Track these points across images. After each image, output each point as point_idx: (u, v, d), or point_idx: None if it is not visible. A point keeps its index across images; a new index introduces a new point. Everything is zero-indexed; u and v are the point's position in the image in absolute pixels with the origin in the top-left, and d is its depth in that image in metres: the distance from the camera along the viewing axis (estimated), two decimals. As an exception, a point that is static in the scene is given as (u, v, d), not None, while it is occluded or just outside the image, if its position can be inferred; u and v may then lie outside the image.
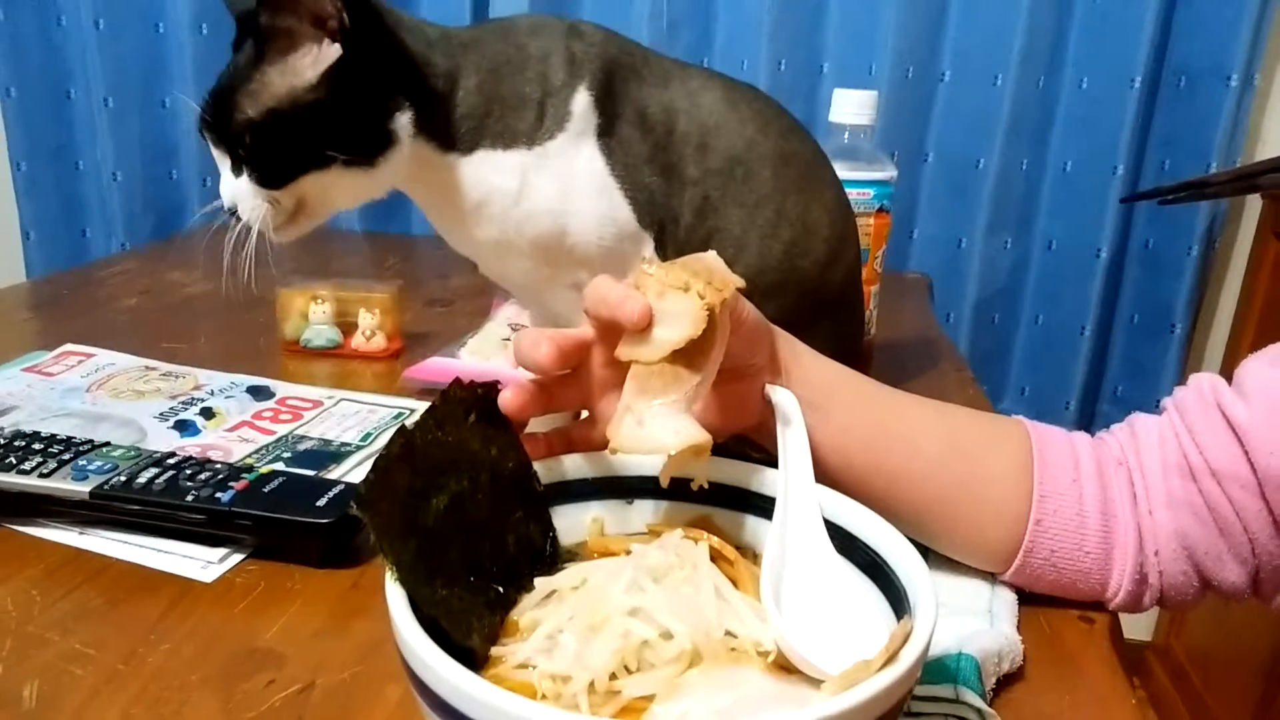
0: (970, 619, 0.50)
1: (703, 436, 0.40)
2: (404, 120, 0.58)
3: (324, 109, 0.56)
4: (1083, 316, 1.39)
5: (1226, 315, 1.41)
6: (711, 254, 0.44)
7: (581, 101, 0.60)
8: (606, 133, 0.61)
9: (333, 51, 0.56)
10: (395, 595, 0.34)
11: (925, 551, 0.55)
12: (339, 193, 0.60)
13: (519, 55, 0.61)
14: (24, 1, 1.39)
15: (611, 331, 0.44)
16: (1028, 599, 0.53)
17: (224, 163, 0.59)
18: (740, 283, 0.43)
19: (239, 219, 0.60)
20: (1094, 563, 0.51)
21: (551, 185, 0.60)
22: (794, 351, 0.51)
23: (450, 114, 0.60)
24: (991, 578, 0.54)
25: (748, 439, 0.51)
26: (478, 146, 0.60)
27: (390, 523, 0.36)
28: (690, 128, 0.63)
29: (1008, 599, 0.52)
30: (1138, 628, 1.65)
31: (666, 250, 0.63)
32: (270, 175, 0.58)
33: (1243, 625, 1.38)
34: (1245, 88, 1.26)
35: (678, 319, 0.40)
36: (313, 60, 0.56)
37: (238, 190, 0.59)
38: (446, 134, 0.60)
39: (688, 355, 0.41)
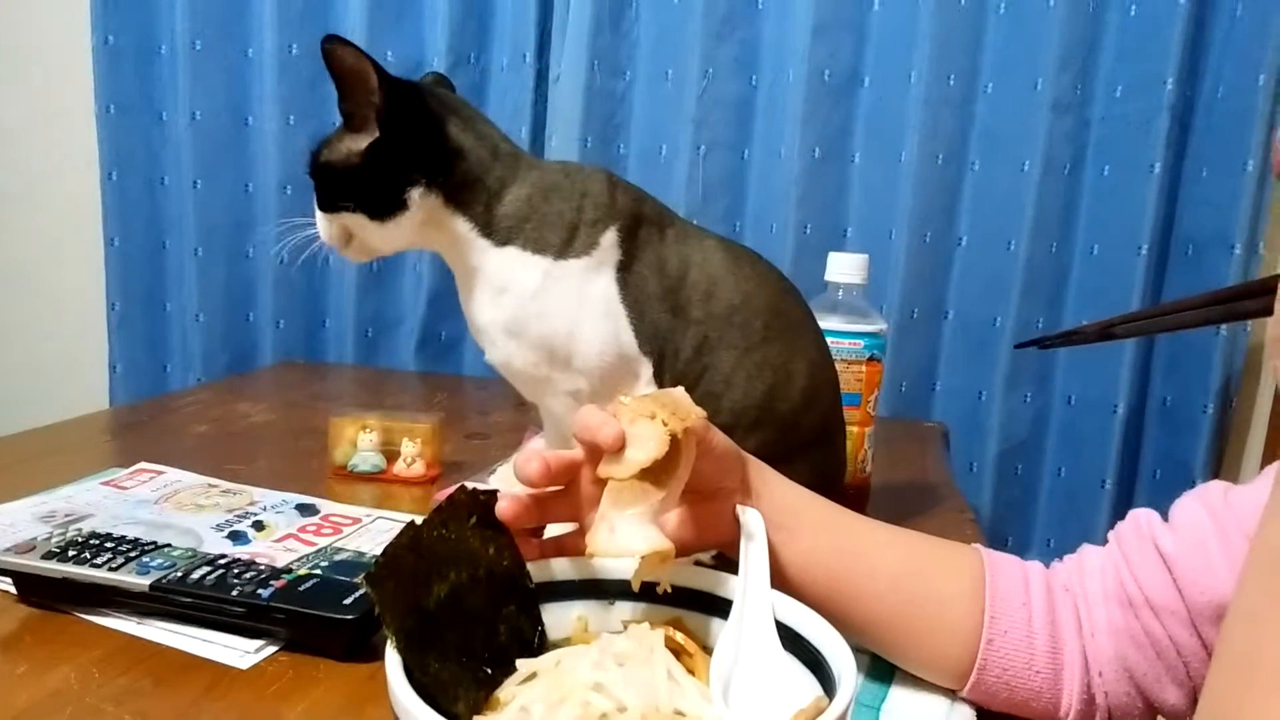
0: (923, 728, 0.54)
1: (666, 544, 0.47)
2: (416, 193, 0.71)
3: (355, 172, 0.72)
4: (1103, 470, 1.42)
5: (1252, 469, 1.43)
6: (679, 390, 0.52)
7: (610, 238, 0.71)
8: (625, 268, 0.72)
9: (374, 133, 0.71)
10: (393, 662, 0.41)
11: (892, 668, 0.60)
12: (367, 234, 0.74)
13: (569, 185, 0.73)
14: (134, 164, 1.58)
15: (596, 454, 0.51)
16: (987, 717, 0.57)
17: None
18: (702, 414, 0.50)
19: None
20: (1044, 681, 0.55)
21: (567, 296, 0.71)
22: (764, 478, 0.57)
23: (493, 209, 0.72)
24: (952, 694, 0.58)
25: (724, 555, 0.58)
26: (510, 243, 0.72)
27: (394, 600, 0.43)
28: (700, 277, 0.73)
29: (965, 714, 0.56)
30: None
31: (664, 377, 0.72)
32: (323, 204, 0.75)
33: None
34: (1250, 255, 1.33)
35: (645, 442, 0.48)
36: (364, 136, 0.71)
37: (324, 221, 0.77)
38: (488, 224, 0.72)
39: (654, 474, 0.48)
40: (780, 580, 0.54)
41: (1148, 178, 1.35)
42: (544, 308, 0.71)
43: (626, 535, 0.47)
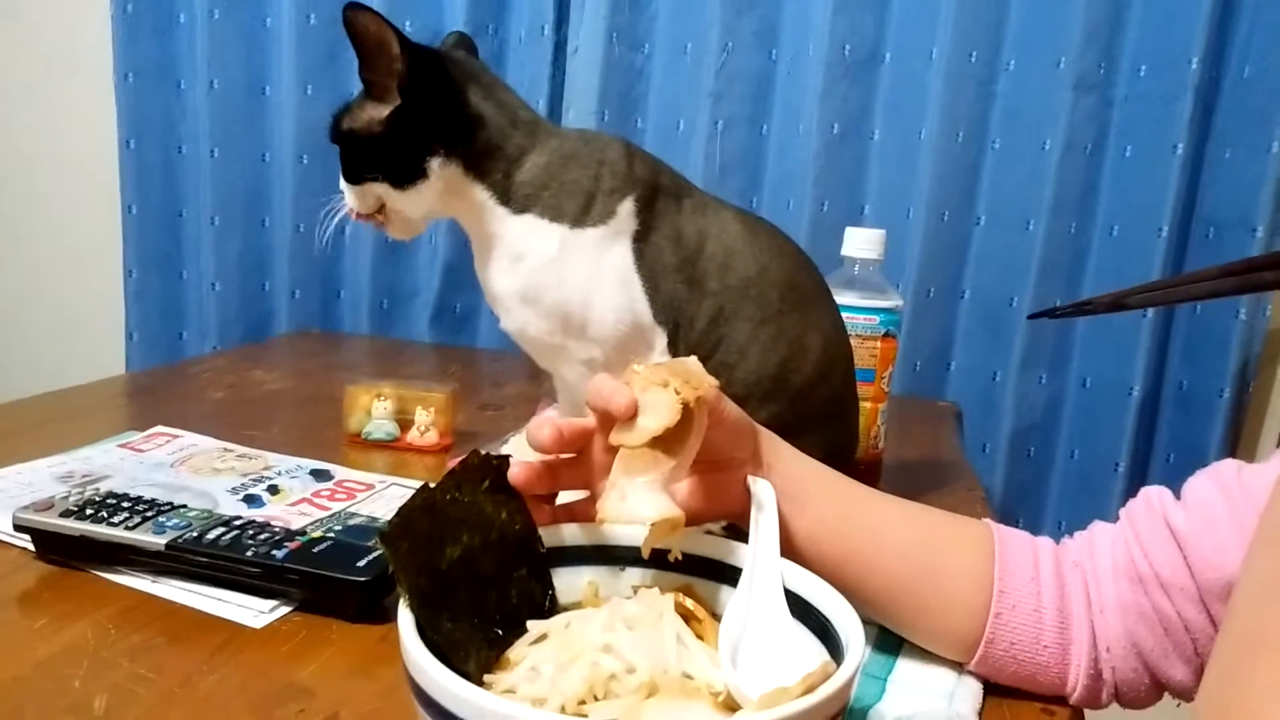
0: (930, 699, 0.54)
1: (676, 512, 0.47)
2: (436, 162, 0.71)
3: (377, 141, 0.72)
4: (1117, 453, 1.41)
5: (1267, 454, 1.41)
6: (692, 359, 0.52)
7: (627, 207, 0.71)
8: (641, 238, 0.72)
9: (395, 101, 0.71)
10: (406, 620, 0.41)
11: (900, 640, 0.60)
12: (395, 202, 0.74)
13: (587, 154, 0.73)
14: (152, 133, 1.58)
15: (609, 421, 0.51)
16: (994, 690, 0.57)
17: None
18: (715, 383, 0.50)
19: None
20: (1051, 656, 0.55)
21: (583, 264, 0.71)
22: (776, 449, 0.58)
23: (512, 176, 0.72)
24: (959, 667, 0.58)
25: (734, 526, 0.58)
26: (528, 210, 0.72)
27: (408, 559, 0.43)
28: (717, 248, 0.73)
29: (972, 687, 0.56)
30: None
31: (679, 347, 0.72)
32: (348, 175, 0.75)
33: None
34: (1272, 238, 1.31)
35: (657, 410, 0.48)
36: (385, 105, 0.71)
37: (351, 192, 0.76)
38: (506, 191, 0.72)
39: (666, 442, 0.48)
40: (790, 551, 0.54)
41: (1170, 158, 1.33)
42: (560, 275, 0.71)
43: (637, 502, 0.47)
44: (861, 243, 0.88)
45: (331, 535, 0.66)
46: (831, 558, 0.56)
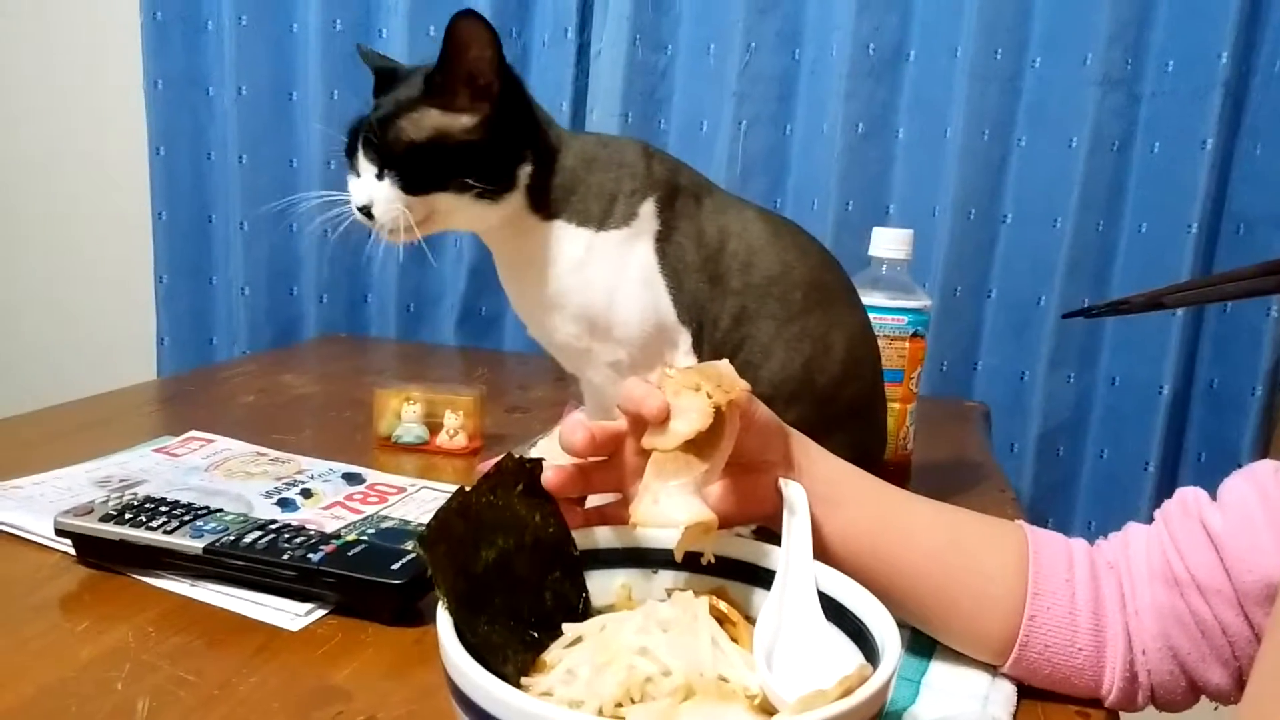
0: (964, 701, 0.54)
1: (709, 515, 0.47)
2: (525, 171, 0.70)
3: (475, 148, 0.69)
4: (1146, 453, 1.40)
5: (1300, 457, 1.40)
6: (724, 362, 0.53)
7: (648, 208, 0.71)
8: (664, 239, 0.72)
9: (485, 107, 0.69)
10: (444, 621, 0.42)
11: (933, 643, 0.60)
12: (460, 215, 0.72)
13: (606, 157, 0.73)
14: (181, 139, 1.60)
15: (640, 425, 0.52)
16: (1029, 693, 0.57)
17: (368, 171, 0.71)
18: (746, 387, 0.51)
19: (368, 216, 0.72)
20: (1086, 659, 0.55)
21: (608, 267, 0.71)
22: (806, 451, 0.58)
23: (549, 182, 0.72)
24: (993, 670, 0.58)
25: (766, 529, 0.58)
26: (558, 216, 0.72)
27: (445, 562, 0.44)
28: (739, 247, 0.73)
29: (1006, 690, 0.56)
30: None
31: (703, 347, 0.72)
32: (414, 185, 0.69)
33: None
34: (1303, 235, 1.30)
35: (689, 414, 0.48)
36: (469, 110, 0.69)
37: (375, 193, 0.70)
38: (540, 199, 0.72)
39: (698, 445, 0.48)
40: (822, 552, 0.54)
41: (1199, 154, 1.32)
42: (586, 279, 0.71)
43: (670, 506, 0.47)
44: (889, 243, 0.88)
45: (365, 538, 0.67)
46: (865, 559, 0.56)
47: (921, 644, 0.60)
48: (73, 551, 0.66)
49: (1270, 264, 0.40)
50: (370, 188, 0.71)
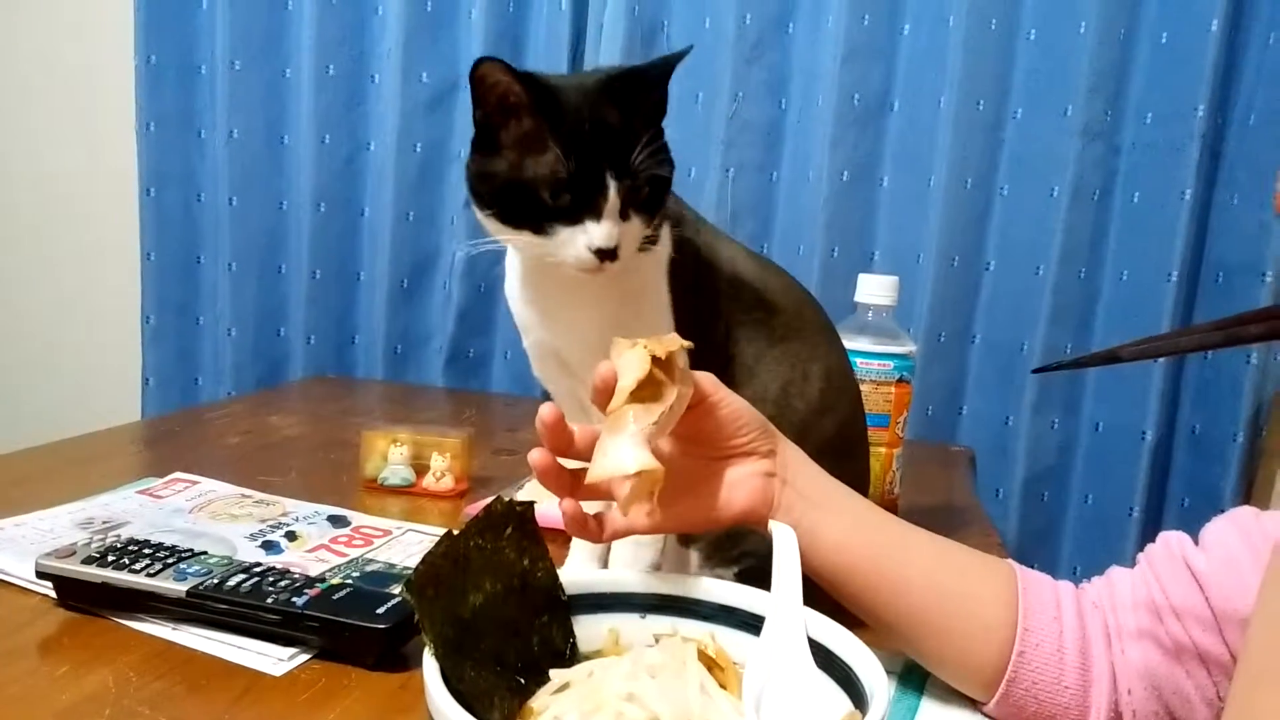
0: (953, 749, 0.54)
1: (656, 465, 0.49)
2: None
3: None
4: (1130, 498, 1.41)
5: (1282, 502, 1.41)
6: (671, 334, 0.54)
7: (667, 232, 0.72)
8: (674, 262, 0.73)
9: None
10: (431, 667, 0.42)
11: (920, 688, 0.60)
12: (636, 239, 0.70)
13: None
14: (172, 181, 1.61)
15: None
16: (1016, 739, 0.57)
17: (612, 213, 0.66)
18: (685, 343, 0.53)
19: (608, 259, 0.66)
20: (1072, 698, 0.55)
21: (635, 285, 0.71)
22: (798, 456, 0.59)
23: None
24: (980, 716, 0.58)
25: (754, 573, 0.58)
26: None
27: (432, 608, 0.43)
28: (729, 271, 0.76)
29: (994, 736, 0.56)
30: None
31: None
32: (654, 214, 0.69)
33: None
34: (1280, 283, 1.32)
35: (629, 368, 0.51)
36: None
37: (625, 232, 0.66)
38: None
39: (645, 403, 0.50)
40: (818, 562, 0.55)
41: (1178, 204, 1.34)
42: (621, 294, 0.71)
43: (619, 456, 0.49)
44: (875, 289, 0.89)
45: (350, 582, 0.66)
46: (860, 573, 0.56)
47: (908, 690, 0.60)
48: (54, 594, 0.66)
49: (1222, 320, 0.42)
50: (614, 231, 0.66)
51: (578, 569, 0.61)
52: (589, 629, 0.52)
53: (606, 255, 0.66)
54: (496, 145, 0.67)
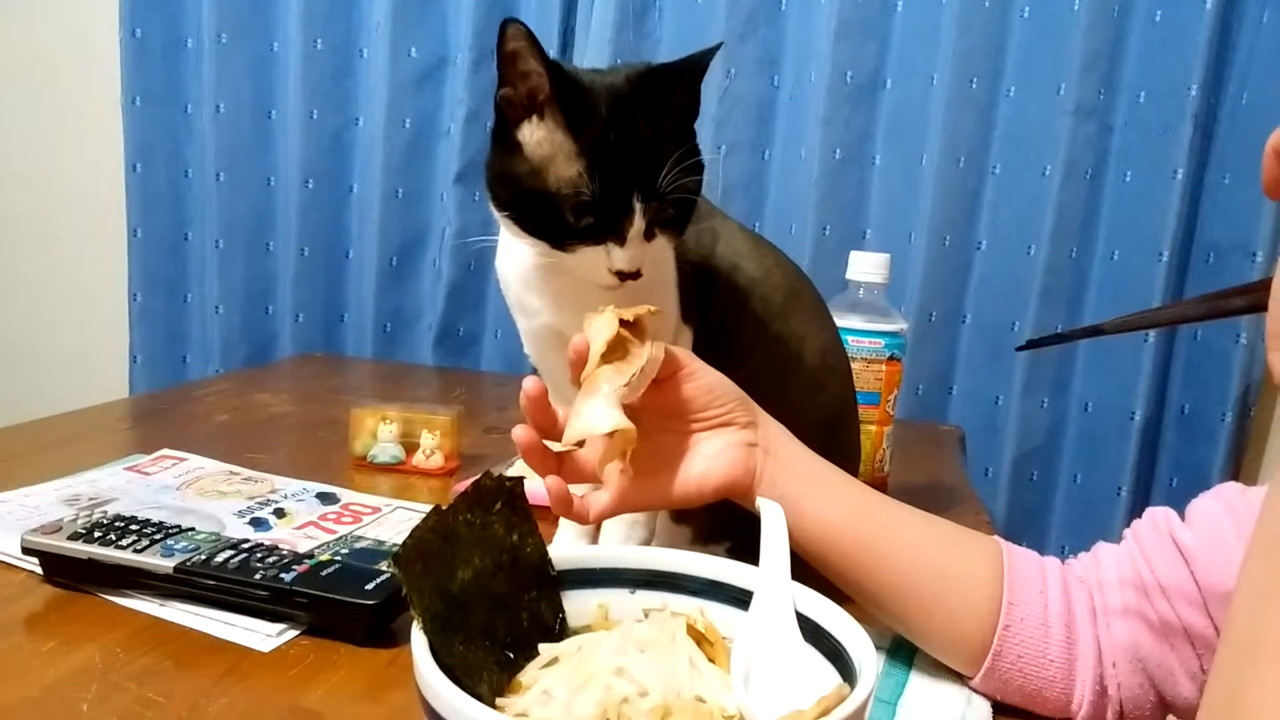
0: (940, 722, 0.54)
1: (629, 425, 0.50)
2: None
3: None
4: (1119, 477, 1.41)
5: (1269, 477, 1.41)
6: (644, 306, 0.55)
7: None
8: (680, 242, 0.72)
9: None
10: (419, 641, 0.41)
11: (908, 665, 0.60)
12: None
13: None
14: (158, 156, 1.59)
15: None
16: (1003, 713, 0.57)
17: (637, 236, 0.62)
18: (651, 308, 0.54)
19: (629, 279, 0.63)
20: (1057, 671, 0.55)
21: (658, 260, 0.69)
22: (781, 431, 0.60)
23: None
24: (968, 690, 0.58)
25: (742, 547, 0.58)
26: None
27: (420, 582, 0.43)
28: (726, 250, 0.75)
29: (982, 710, 0.56)
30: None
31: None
32: (682, 229, 0.67)
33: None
34: (1271, 263, 1.31)
35: (599, 332, 0.53)
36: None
37: (648, 251, 0.64)
38: None
39: (616, 366, 0.52)
40: (804, 538, 0.56)
41: (1170, 184, 1.34)
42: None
43: (591, 417, 0.50)
44: (866, 266, 0.89)
45: (339, 559, 0.66)
46: (846, 546, 0.57)
47: (897, 665, 0.60)
48: (40, 570, 0.65)
49: (1205, 295, 0.42)
50: (640, 251, 0.63)
51: (567, 545, 0.61)
52: (578, 604, 0.52)
53: (628, 276, 0.63)
54: (516, 142, 0.62)
